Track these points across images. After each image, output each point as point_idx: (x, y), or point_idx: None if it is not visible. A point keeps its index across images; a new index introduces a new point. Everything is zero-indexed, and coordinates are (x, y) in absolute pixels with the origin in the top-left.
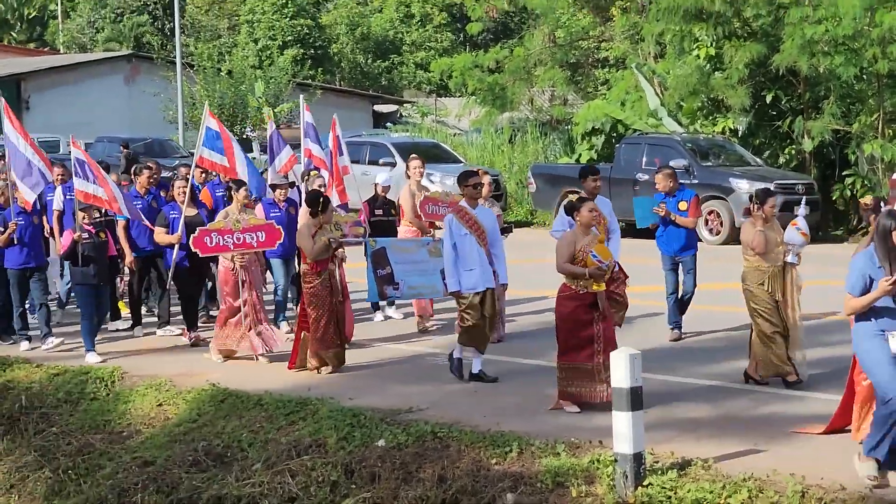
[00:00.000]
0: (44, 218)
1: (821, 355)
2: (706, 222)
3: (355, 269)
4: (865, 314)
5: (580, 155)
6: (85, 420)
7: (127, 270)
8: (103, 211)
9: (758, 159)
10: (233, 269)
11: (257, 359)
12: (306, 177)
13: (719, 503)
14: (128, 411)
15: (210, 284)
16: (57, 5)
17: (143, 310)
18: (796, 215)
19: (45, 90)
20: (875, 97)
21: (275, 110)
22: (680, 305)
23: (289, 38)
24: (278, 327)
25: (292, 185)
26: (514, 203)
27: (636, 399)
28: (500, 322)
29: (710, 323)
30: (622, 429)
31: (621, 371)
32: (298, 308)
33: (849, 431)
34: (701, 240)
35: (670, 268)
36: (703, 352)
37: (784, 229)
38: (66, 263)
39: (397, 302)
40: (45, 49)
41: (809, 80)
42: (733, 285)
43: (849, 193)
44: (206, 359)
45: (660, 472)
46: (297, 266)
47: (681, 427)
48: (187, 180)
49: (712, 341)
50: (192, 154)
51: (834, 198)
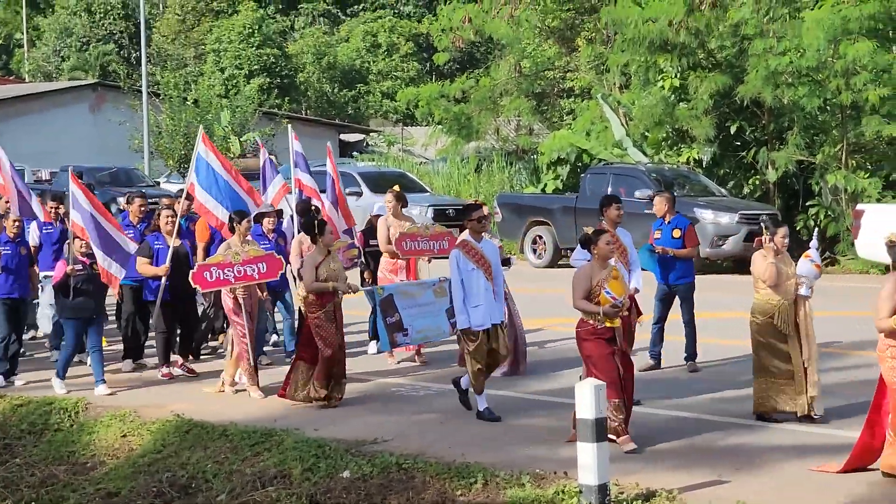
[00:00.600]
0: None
1: None
2: None
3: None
4: None
5: (546, 185)
6: (49, 451)
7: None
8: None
9: (722, 189)
10: (237, 302)
11: (251, 395)
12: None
13: None
14: (92, 442)
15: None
16: (22, 34)
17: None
18: (808, 247)
19: (11, 119)
20: (838, 128)
21: (241, 139)
22: (686, 336)
23: (255, 67)
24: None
25: (279, 213)
26: None
27: (601, 430)
28: (521, 356)
29: (678, 354)
30: (587, 460)
31: (586, 402)
32: (300, 338)
33: (869, 470)
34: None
35: (661, 297)
36: (670, 383)
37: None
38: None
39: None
40: (11, 77)
41: (773, 111)
42: (705, 314)
43: (812, 224)
44: (214, 392)
45: (624, 503)
46: (288, 297)
47: (646, 458)
48: (174, 210)
49: (679, 372)
50: (158, 183)
51: (798, 228)
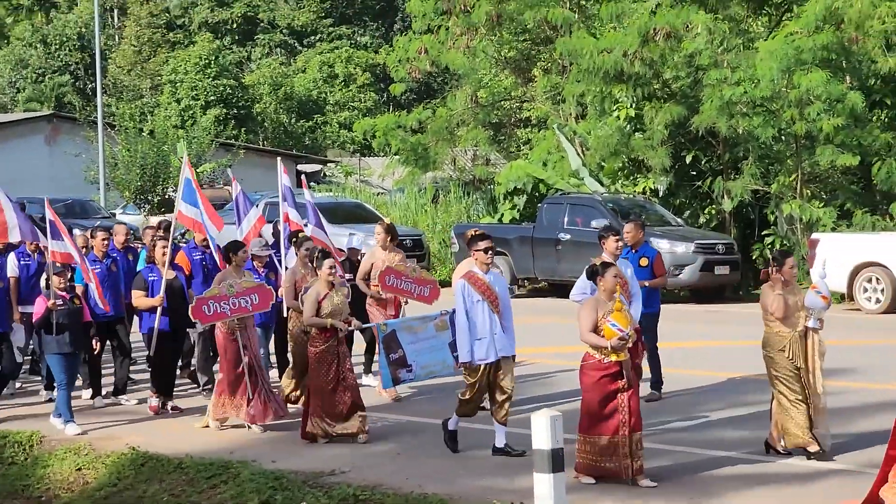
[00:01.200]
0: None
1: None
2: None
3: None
4: None
5: (503, 214)
6: (3, 485)
7: None
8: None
9: (678, 219)
10: (233, 335)
11: (249, 427)
12: (294, 239)
13: None
14: (46, 476)
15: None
16: None
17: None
18: (814, 279)
19: None
20: (793, 158)
21: (197, 170)
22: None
23: (211, 98)
24: None
25: (271, 246)
26: (438, 262)
27: (557, 461)
28: None
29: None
30: (543, 491)
31: (542, 433)
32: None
33: None
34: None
35: None
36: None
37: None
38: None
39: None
40: None
41: (728, 140)
42: (667, 344)
43: (768, 253)
44: (200, 427)
45: None
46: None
47: (603, 488)
48: (168, 241)
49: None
50: (114, 215)
51: (754, 257)
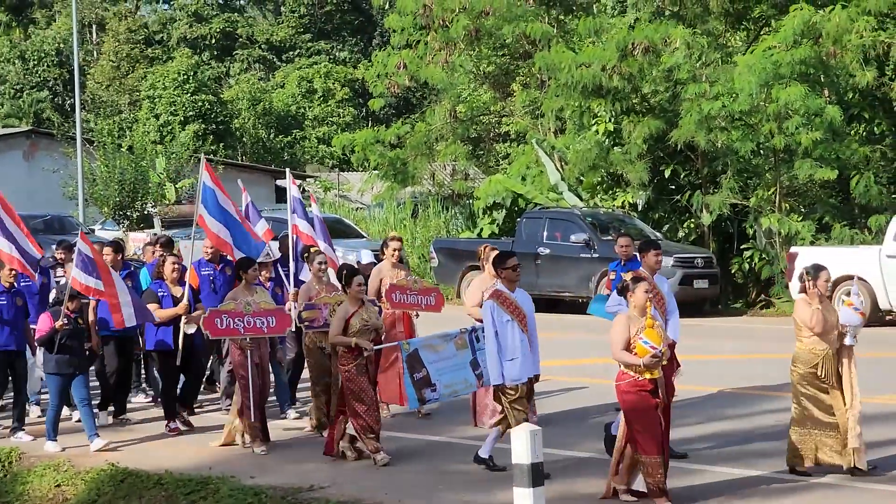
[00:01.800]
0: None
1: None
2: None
3: None
4: None
5: (482, 229)
6: None
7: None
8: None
9: (657, 233)
10: (244, 353)
11: (253, 451)
12: (306, 255)
13: None
14: (25, 492)
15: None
16: None
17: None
18: (848, 294)
19: None
20: (772, 172)
21: (176, 186)
22: None
23: (190, 113)
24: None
25: (276, 261)
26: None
27: (537, 475)
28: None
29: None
30: None
31: (522, 447)
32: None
33: None
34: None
35: None
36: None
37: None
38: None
39: None
40: None
41: (707, 154)
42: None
43: (747, 267)
44: (217, 446)
45: None
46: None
47: (583, 502)
48: (179, 257)
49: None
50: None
51: (733, 271)
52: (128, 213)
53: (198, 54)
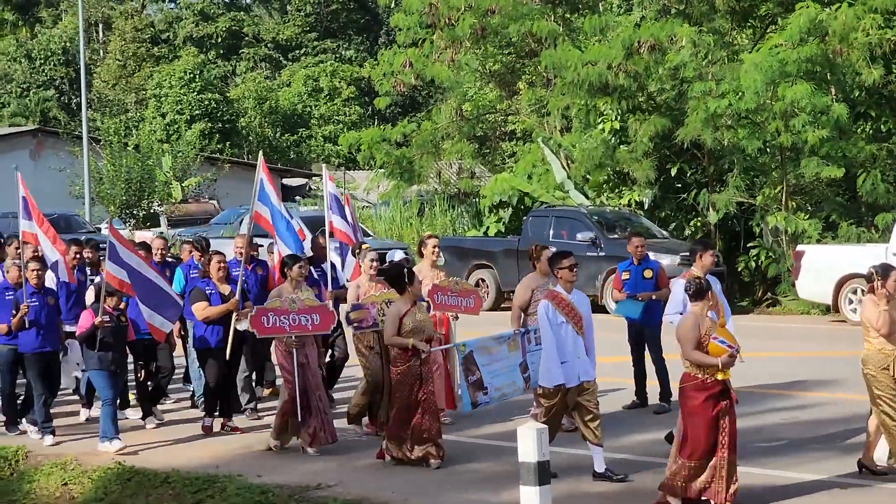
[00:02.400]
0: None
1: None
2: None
3: None
4: None
5: (488, 228)
6: None
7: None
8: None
9: (664, 231)
10: (289, 352)
11: (304, 451)
12: (358, 251)
13: None
14: (32, 491)
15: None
16: None
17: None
18: None
19: None
20: (778, 170)
21: (182, 184)
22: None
23: (196, 112)
24: None
25: (310, 259)
26: None
27: (543, 473)
28: None
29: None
30: (530, 503)
31: (528, 445)
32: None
33: None
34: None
35: (636, 338)
36: (615, 425)
37: None
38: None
39: None
40: None
41: (713, 153)
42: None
43: (753, 265)
44: (262, 450)
45: None
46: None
47: (591, 500)
48: (223, 255)
49: (625, 414)
50: (99, 229)
51: (739, 269)
52: (134, 212)
53: (204, 53)
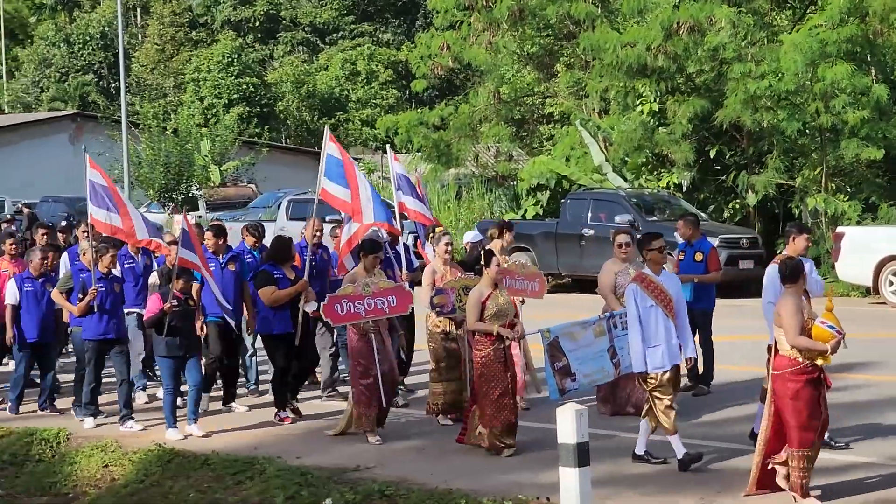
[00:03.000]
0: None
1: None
2: None
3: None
4: None
5: (526, 211)
6: (30, 482)
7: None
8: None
9: (702, 214)
10: (365, 338)
11: (367, 438)
12: (431, 234)
13: None
14: (73, 473)
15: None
16: (1, 65)
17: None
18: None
19: None
20: (818, 151)
21: (221, 168)
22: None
23: (234, 96)
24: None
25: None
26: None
27: (583, 455)
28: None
29: None
30: (569, 485)
31: (567, 427)
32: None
33: None
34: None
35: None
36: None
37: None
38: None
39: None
40: None
41: (753, 134)
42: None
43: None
44: (332, 435)
45: None
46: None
47: (628, 483)
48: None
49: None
50: None
51: (778, 251)
52: (173, 196)
53: (242, 37)
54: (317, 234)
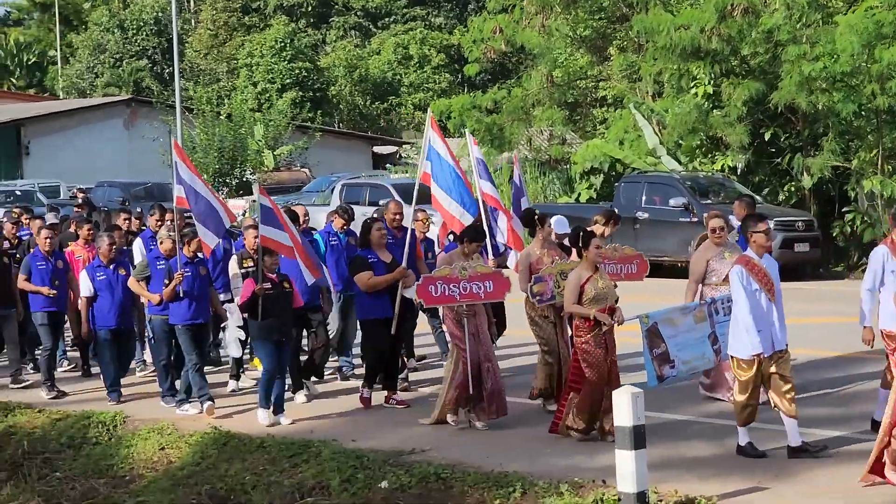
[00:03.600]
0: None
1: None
2: None
3: None
4: None
5: (579, 194)
6: (88, 465)
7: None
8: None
9: (757, 196)
10: (459, 323)
11: (470, 425)
12: (535, 216)
13: None
14: (130, 455)
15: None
16: (56, 51)
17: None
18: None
19: (45, 135)
20: (874, 133)
21: (274, 153)
22: None
23: (287, 80)
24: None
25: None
26: None
27: (639, 437)
28: None
29: None
30: (625, 468)
31: (624, 409)
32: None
33: None
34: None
35: None
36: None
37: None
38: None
39: None
40: (45, 95)
41: (808, 116)
42: None
43: (848, 230)
44: (427, 423)
45: None
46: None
47: (684, 465)
48: (378, 220)
49: None
50: None
51: (834, 234)
52: (227, 181)
53: (294, 22)
54: (396, 216)
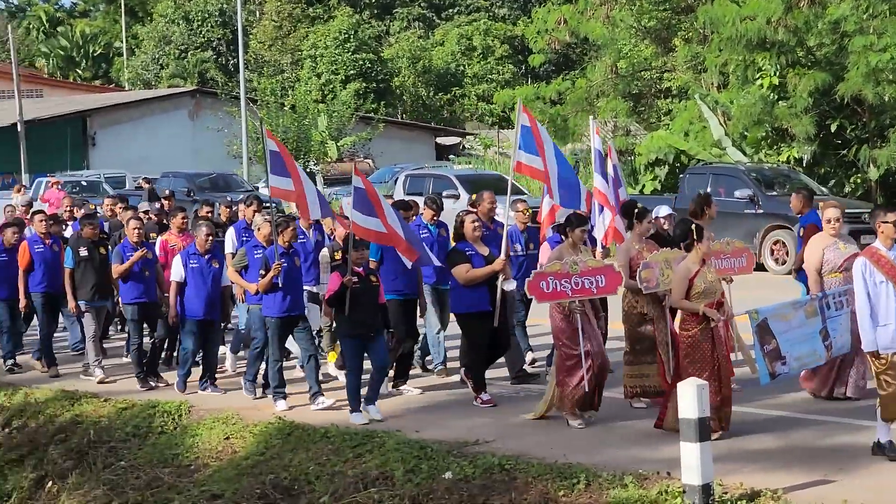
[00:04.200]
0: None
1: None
2: (771, 252)
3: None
4: None
5: (644, 186)
6: (153, 454)
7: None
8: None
9: (823, 188)
10: (569, 316)
11: (568, 422)
12: (635, 210)
13: None
14: (195, 445)
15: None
16: (122, 43)
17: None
18: None
19: (111, 126)
20: None
21: (338, 144)
22: None
23: (351, 72)
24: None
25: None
26: None
27: (704, 430)
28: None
29: None
30: (690, 460)
31: (688, 402)
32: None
33: None
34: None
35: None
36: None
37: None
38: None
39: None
40: (111, 86)
41: (875, 108)
42: None
43: None
44: (531, 419)
45: (728, 503)
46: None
47: (749, 458)
48: (472, 212)
49: None
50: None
51: None
52: None
53: (358, 13)
54: (492, 207)
